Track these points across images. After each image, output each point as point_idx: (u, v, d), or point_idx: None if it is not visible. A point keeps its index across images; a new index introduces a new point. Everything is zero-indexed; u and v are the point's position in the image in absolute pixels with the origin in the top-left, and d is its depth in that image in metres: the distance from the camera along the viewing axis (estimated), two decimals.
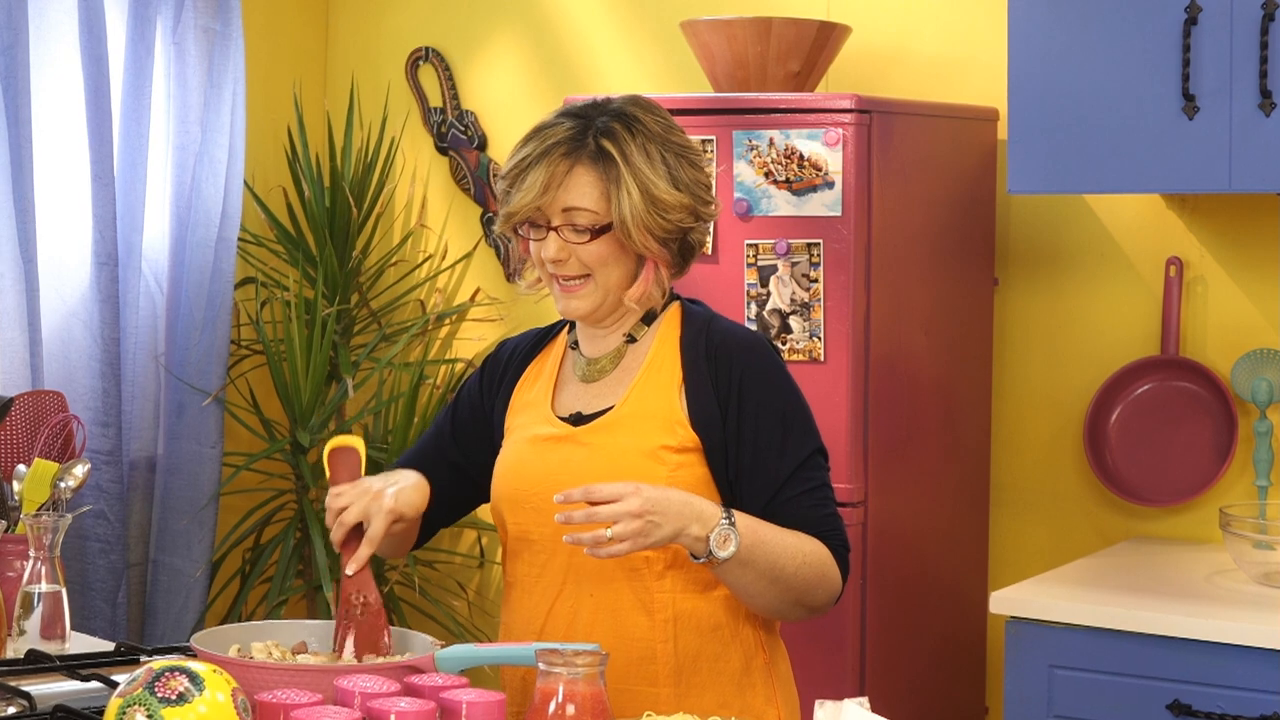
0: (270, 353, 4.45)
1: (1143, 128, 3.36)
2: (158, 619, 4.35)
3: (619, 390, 2.60)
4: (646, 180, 2.50)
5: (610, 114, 2.55)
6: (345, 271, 4.57)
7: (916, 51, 4.05)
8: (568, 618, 2.55)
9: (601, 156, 2.51)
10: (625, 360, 2.62)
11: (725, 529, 2.42)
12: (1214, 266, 3.76)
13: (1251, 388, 3.66)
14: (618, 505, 2.36)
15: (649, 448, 2.52)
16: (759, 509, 2.52)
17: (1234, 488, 3.72)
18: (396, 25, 4.79)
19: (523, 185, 2.52)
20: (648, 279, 2.56)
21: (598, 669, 2.11)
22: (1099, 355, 3.87)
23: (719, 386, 2.55)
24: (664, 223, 2.52)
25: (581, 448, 2.56)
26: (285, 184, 4.70)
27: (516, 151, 2.56)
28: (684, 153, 2.57)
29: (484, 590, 4.69)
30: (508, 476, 2.63)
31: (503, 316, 4.64)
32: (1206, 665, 3.10)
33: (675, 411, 2.54)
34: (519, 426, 2.65)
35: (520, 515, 2.60)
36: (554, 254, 2.53)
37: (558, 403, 2.64)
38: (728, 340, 2.59)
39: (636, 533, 2.37)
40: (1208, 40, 3.28)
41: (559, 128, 2.54)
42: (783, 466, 2.53)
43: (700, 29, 3.77)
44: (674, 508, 2.39)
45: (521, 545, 2.61)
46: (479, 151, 4.66)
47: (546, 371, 2.68)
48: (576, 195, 2.51)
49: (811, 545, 2.52)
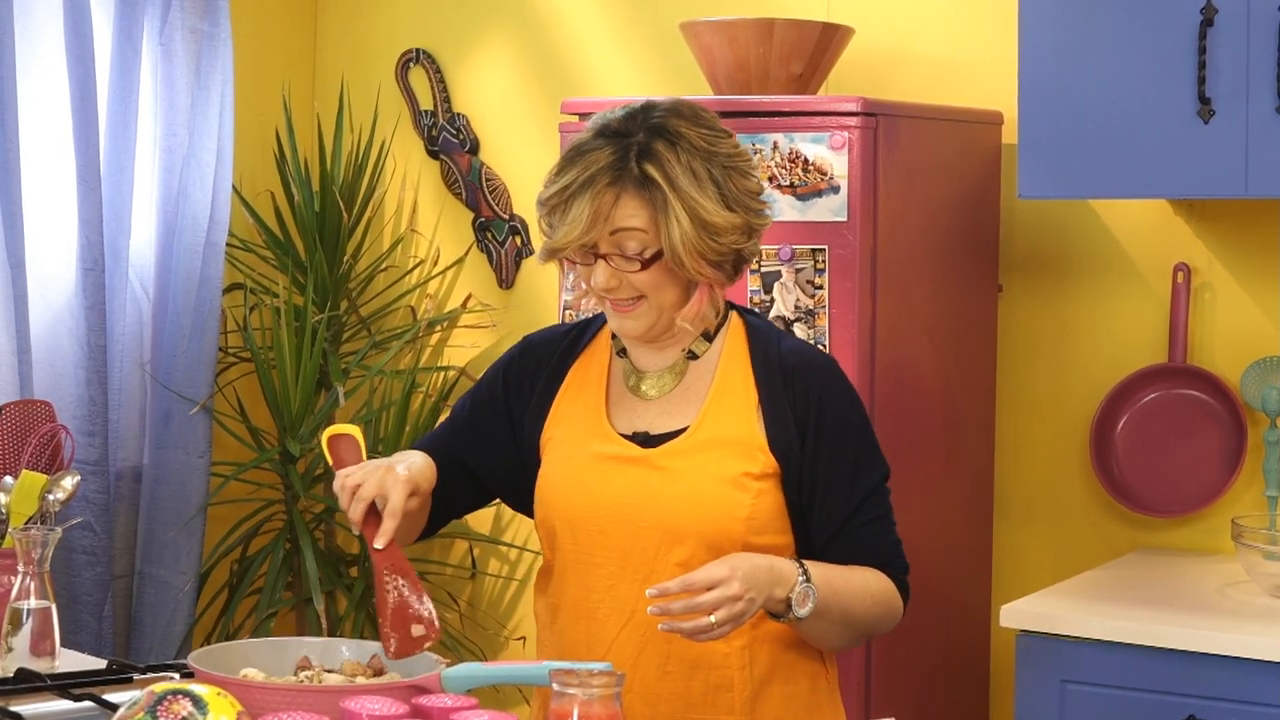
0: (259, 360, 4.38)
1: (1157, 131, 3.31)
2: (144, 632, 4.29)
3: (687, 410, 2.50)
4: (695, 205, 2.39)
5: (651, 130, 2.43)
6: (335, 277, 4.50)
7: (919, 53, 4.00)
8: (636, 645, 2.46)
9: (646, 183, 2.39)
10: (689, 377, 2.53)
11: (804, 588, 2.38)
12: (1222, 273, 3.72)
13: (1261, 396, 3.62)
14: (719, 592, 2.29)
15: (731, 474, 2.44)
16: (827, 536, 2.48)
17: (1243, 498, 3.68)
18: (386, 26, 4.73)
19: (566, 219, 2.41)
20: (701, 300, 2.47)
21: (614, 690, 2.05)
22: (1105, 363, 3.82)
23: (797, 410, 2.47)
24: (716, 246, 2.41)
25: (656, 472, 2.47)
26: (274, 188, 4.64)
27: (555, 178, 2.44)
28: (732, 163, 2.45)
29: (476, 602, 4.63)
30: (565, 496, 2.52)
31: (495, 323, 4.58)
32: (1222, 680, 3.07)
33: (755, 436, 2.47)
34: (566, 440, 2.54)
35: (582, 538, 2.50)
36: (605, 283, 2.43)
37: (614, 418, 2.53)
38: (803, 361, 2.51)
39: (739, 614, 2.31)
40: (1224, 42, 3.24)
41: (600, 152, 2.42)
42: (854, 495, 2.48)
43: (701, 30, 3.71)
44: (762, 578, 2.34)
45: (579, 569, 2.51)
46: (471, 155, 4.60)
47: (593, 380, 2.57)
48: (624, 224, 2.40)
49: (878, 582, 2.50)
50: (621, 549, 2.45)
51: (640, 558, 2.45)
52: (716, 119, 2.50)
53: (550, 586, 2.57)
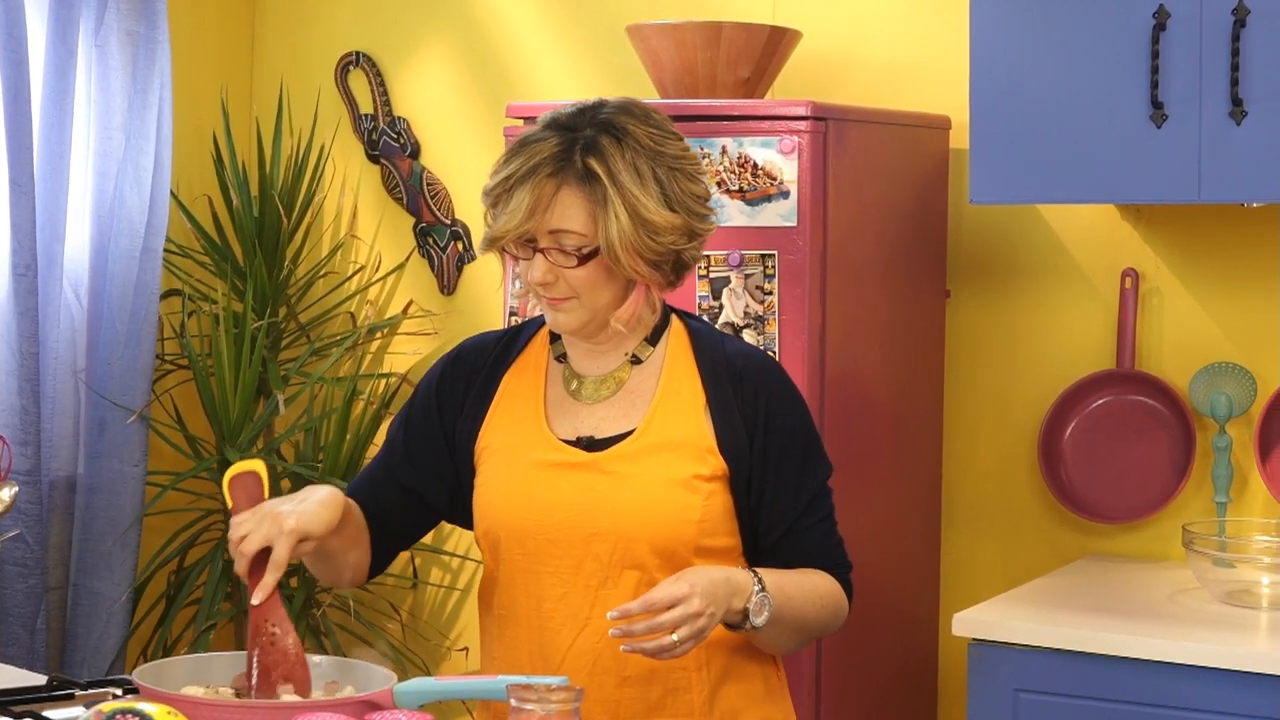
0: (197, 368, 4.32)
1: (1110, 136, 3.29)
2: (78, 645, 4.21)
3: (632, 414, 2.48)
4: (635, 201, 2.38)
5: (599, 125, 2.42)
6: (274, 283, 4.44)
7: (866, 57, 3.97)
8: (592, 654, 2.43)
9: (589, 177, 2.38)
10: (631, 381, 2.51)
11: (760, 597, 2.38)
12: (1170, 278, 3.71)
13: (1210, 402, 3.61)
14: (680, 610, 2.29)
15: (681, 477, 2.43)
16: (775, 538, 2.49)
17: (1191, 504, 3.67)
18: (326, 29, 4.68)
19: (507, 207, 2.40)
20: (638, 301, 2.47)
21: (572, 705, 2.01)
22: (1053, 369, 3.80)
23: (746, 412, 2.47)
24: (655, 245, 2.40)
25: (605, 476, 2.45)
26: (212, 193, 4.57)
27: (500, 168, 2.43)
28: (679, 164, 2.44)
29: (418, 611, 4.58)
30: (509, 505, 2.49)
31: (437, 330, 4.54)
32: (1176, 687, 3.06)
33: (704, 438, 2.46)
34: (506, 448, 2.51)
35: (529, 547, 2.47)
36: (540, 277, 2.42)
37: (555, 424, 2.51)
38: (750, 364, 2.51)
39: (700, 630, 2.31)
40: (1177, 47, 3.22)
41: (545, 143, 2.41)
42: (801, 496, 2.49)
43: (647, 34, 3.68)
44: (720, 591, 2.34)
45: (528, 579, 2.48)
46: (412, 159, 4.55)
47: (529, 386, 2.54)
48: (563, 218, 2.39)
49: (826, 584, 2.52)
50: (573, 556, 2.43)
51: (594, 565, 2.43)
52: (668, 120, 2.49)
53: (496, 598, 2.53)
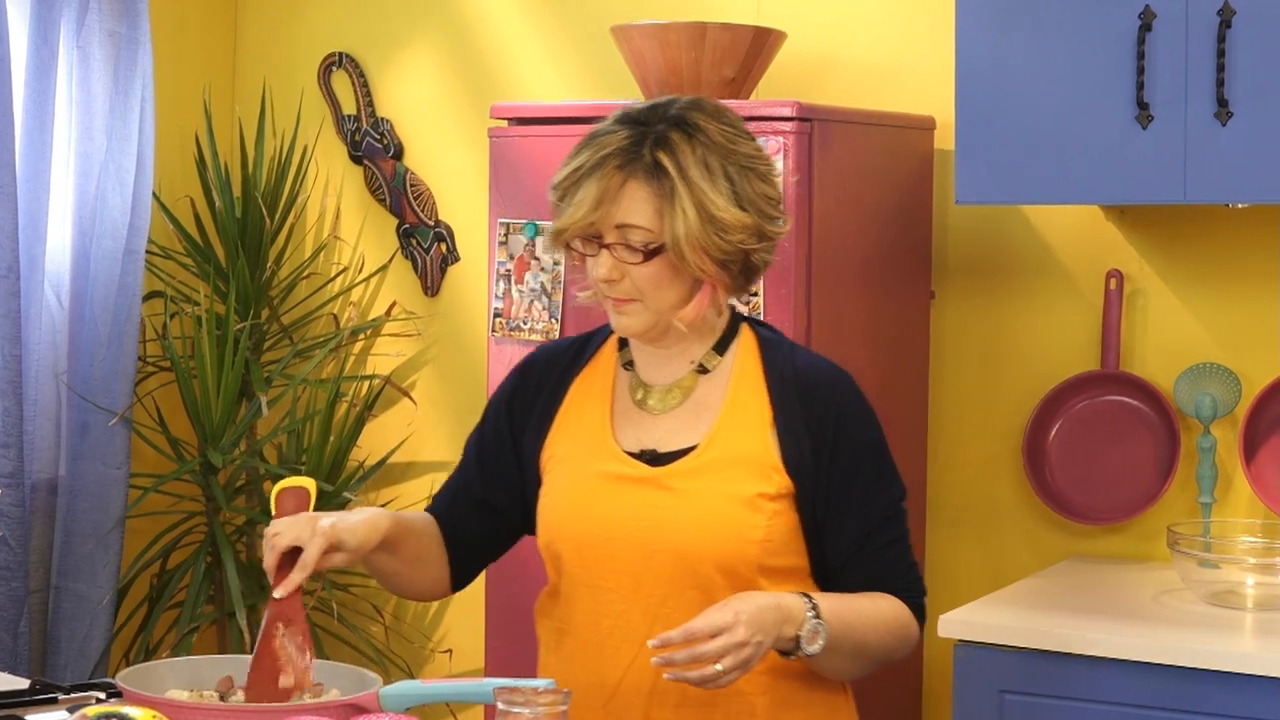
0: (179, 369, 4.31)
1: (1095, 137, 3.29)
2: (61, 648, 4.20)
3: (698, 427, 2.41)
4: (704, 197, 2.31)
5: (670, 121, 2.36)
6: (257, 285, 4.43)
7: (850, 58, 3.97)
8: (651, 674, 2.33)
9: (657, 171, 2.32)
10: (698, 392, 2.44)
11: (814, 624, 2.29)
12: (1154, 279, 3.71)
13: (1195, 403, 3.61)
14: (723, 639, 2.20)
15: (745, 495, 2.36)
16: (842, 559, 2.41)
17: (1176, 505, 3.67)
18: (309, 30, 4.66)
19: (574, 199, 2.35)
20: (702, 303, 2.39)
21: (560, 708, 2.00)
22: (1038, 370, 3.80)
23: (812, 428, 2.39)
24: (722, 244, 2.33)
25: (666, 493, 2.38)
26: (194, 194, 4.56)
27: (569, 160, 2.39)
28: (751, 164, 2.38)
29: (401, 614, 4.57)
30: (571, 517, 2.43)
31: (420, 331, 4.53)
32: (1160, 688, 3.06)
33: (769, 455, 2.38)
34: (571, 458, 2.46)
35: (589, 561, 2.41)
36: (606, 274, 2.36)
37: (620, 434, 2.45)
38: (819, 376, 2.44)
39: (746, 660, 2.22)
40: (1162, 47, 3.22)
41: (614, 136, 2.37)
42: (870, 516, 2.41)
43: (632, 34, 3.67)
44: (768, 618, 2.24)
45: (586, 593, 2.42)
46: (395, 160, 4.54)
47: (596, 395, 2.49)
48: (629, 212, 2.33)
49: (893, 609, 2.42)
50: (633, 573, 2.37)
51: (653, 583, 2.37)
52: (740, 120, 2.43)
53: (556, 610, 2.48)
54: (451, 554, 2.57)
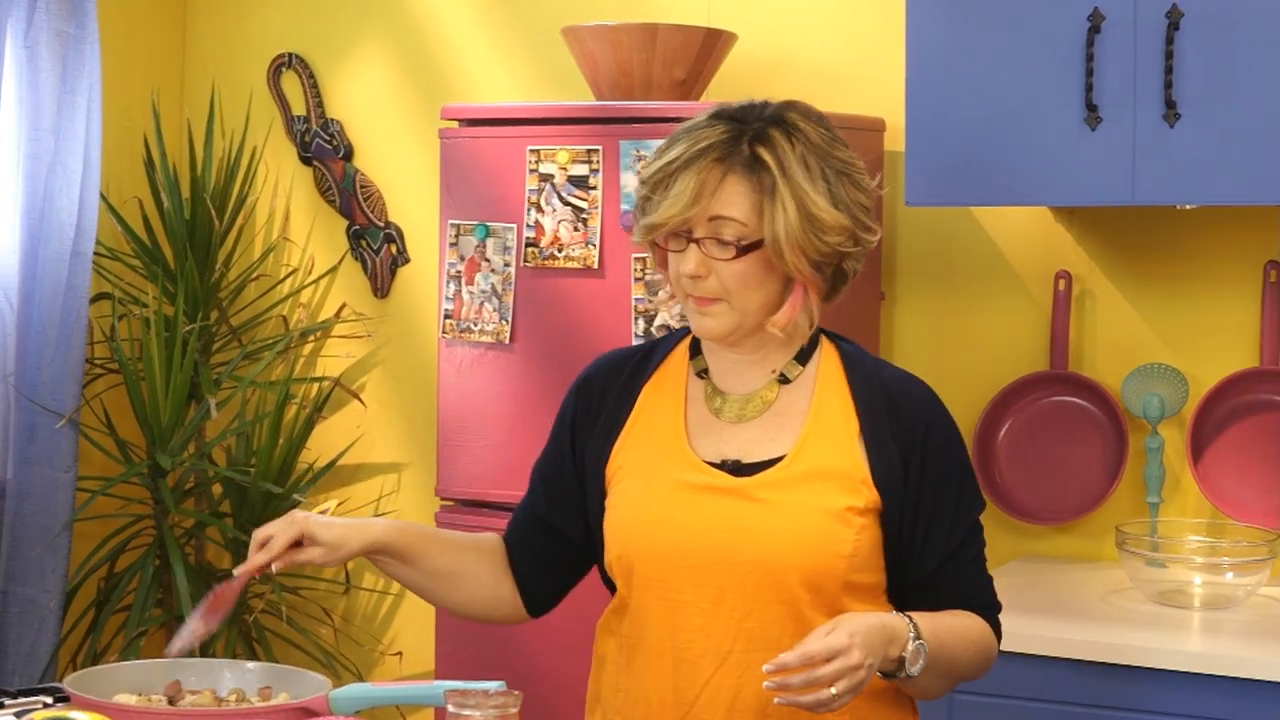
0: (128, 372, 4.28)
1: (1045, 139, 3.30)
2: (9, 652, 4.17)
3: (782, 438, 2.33)
4: (805, 196, 2.25)
5: (768, 119, 2.31)
6: (206, 286, 4.41)
7: (800, 60, 3.98)
8: (732, 689, 2.28)
9: (757, 165, 2.26)
10: (780, 402, 2.36)
11: (916, 645, 2.22)
12: (1103, 280, 3.73)
13: (1143, 403, 3.62)
14: (839, 662, 2.11)
15: (835, 509, 2.28)
16: (924, 575, 2.35)
17: (1124, 505, 3.69)
18: (258, 30, 4.64)
19: (670, 192, 2.26)
20: (795, 305, 2.31)
21: (511, 710, 2.00)
22: (987, 371, 3.81)
23: (901, 443, 2.32)
24: (820, 245, 2.26)
25: (753, 504, 2.30)
26: (143, 195, 4.54)
27: (661, 154, 2.30)
28: (846, 169, 2.31)
29: (350, 616, 4.55)
30: (646, 527, 2.34)
31: (370, 333, 4.51)
32: (1109, 688, 3.08)
33: (858, 468, 2.30)
34: (644, 468, 2.37)
35: (667, 573, 2.32)
36: (693, 269, 2.27)
37: (697, 444, 2.36)
38: (907, 391, 2.38)
39: (859, 684, 2.14)
40: (1111, 49, 3.24)
41: (712, 130, 2.29)
42: (955, 534, 2.35)
43: (583, 36, 3.67)
44: (876, 639, 2.17)
45: (663, 606, 2.33)
46: (345, 162, 4.53)
47: (669, 402, 2.40)
48: (727, 205, 2.26)
49: (978, 627, 2.38)
50: (716, 586, 2.29)
51: (737, 596, 2.29)
52: (834, 126, 2.38)
53: (624, 625, 2.39)
54: (520, 577, 2.50)
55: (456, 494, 3.73)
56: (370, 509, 4.50)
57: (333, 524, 2.36)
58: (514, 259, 3.61)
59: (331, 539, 2.34)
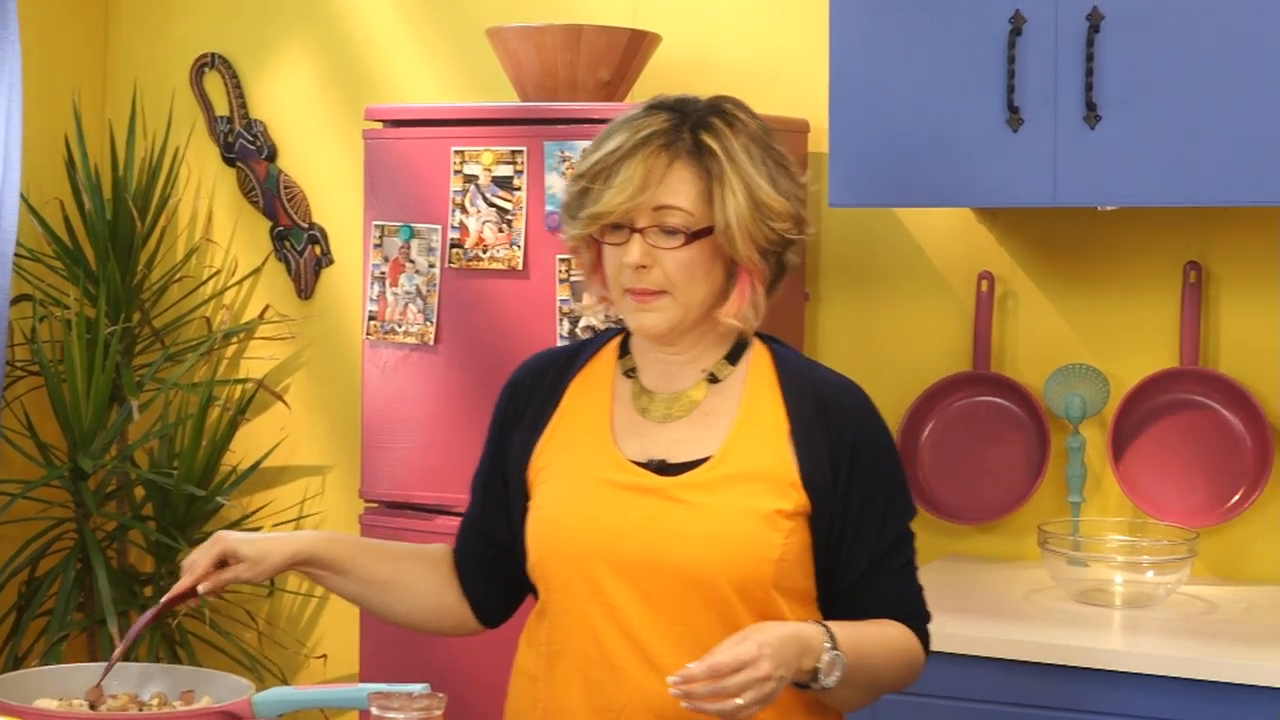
0: (48, 374, 4.25)
1: (967, 140, 3.32)
2: None
3: (709, 438, 2.29)
4: (752, 181, 2.24)
5: (707, 108, 2.29)
6: (128, 288, 4.38)
7: (725, 61, 3.98)
8: (658, 698, 2.20)
9: (702, 152, 2.24)
10: (708, 402, 2.32)
11: (831, 656, 2.17)
12: (1025, 281, 3.75)
13: (1064, 403, 3.65)
14: (747, 674, 2.07)
15: (763, 511, 2.24)
16: (851, 581, 2.30)
17: (1046, 504, 3.71)
18: (181, 30, 4.61)
19: (613, 181, 2.22)
20: (744, 294, 2.28)
21: (435, 712, 2.00)
22: (911, 371, 3.83)
23: (831, 446, 2.27)
24: (768, 231, 2.25)
25: (678, 505, 2.25)
26: (64, 196, 4.50)
27: (600, 144, 2.27)
28: (783, 161, 2.30)
29: (274, 619, 4.53)
30: (570, 527, 2.29)
31: (294, 334, 4.49)
32: (1031, 687, 3.09)
33: (787, 470, 2.26)
34: (567, 468, 2.32)
35: (591, 575, 2.27)
36: (638, 258, 2.23)
37: (622, 443, 2.31)
38: (840, 394, 2.34)
39: (769, 694, 2.10)
40: (1033, 51, 3.26)
41: (653, 118, 2.26)
42: (883, 539, 2.30)
43: (507, 36, 3.66)
44: (789, 651, 2.12)
45: (587, 609, 2.27)
46: (269, 162, 4.50)
47: (595, 401, 2.36)
48: (674, 193, 2.23)
49: (903, 638, 2.33)
50: (641, 590, 2.24)
51: (664, 600, 2.24)
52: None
53: (545, 631, 2.33)
54: (467, 588, 2.47)
55: (381, 496, 3.72)
56: (294, 511, 4.48)
57: (254, 539, 2.34)
58: (438, 260, 3.60)
59: (254, 553, 2.33)
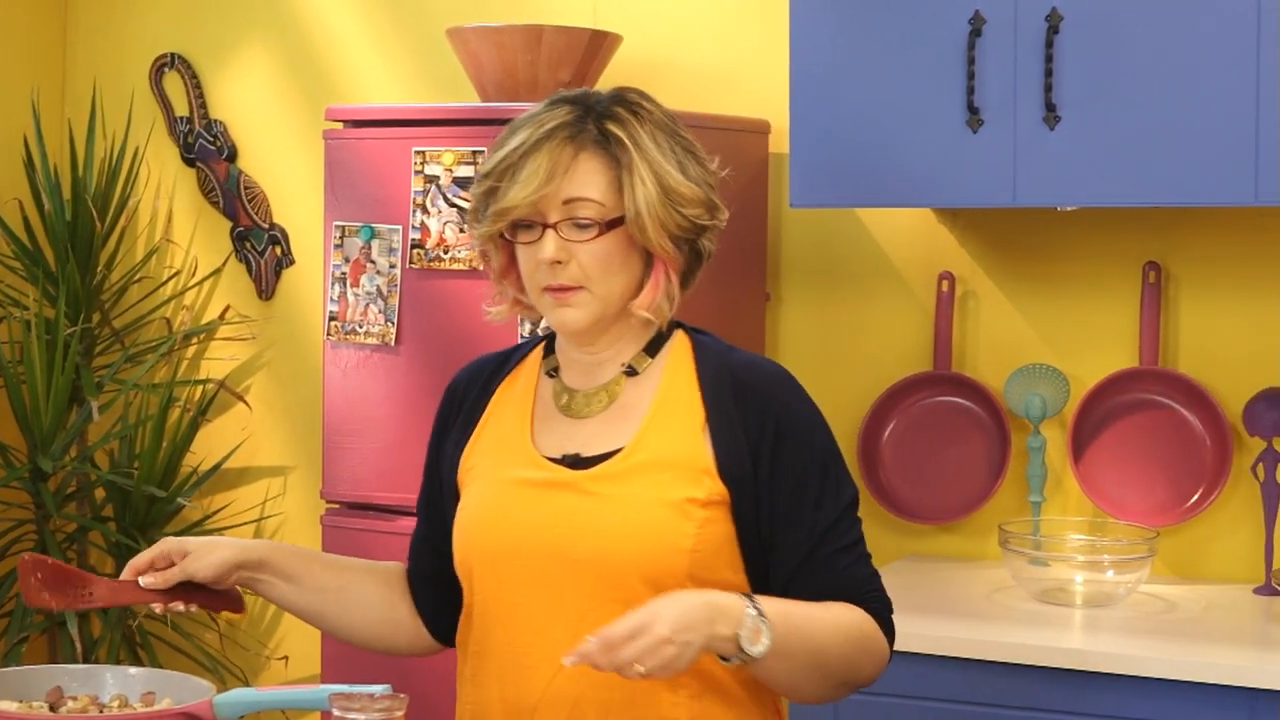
0: (8, 375, 4.23)
1: (927, 141, 3.33)
2: None
3: (624, 430, 2.24)
4: (661, 168, 2.20)
5: (609, 100, 2.25)
6: (88, 289, 4.36)
7: (686, 62, 3.99)
8: (570, 697, 2.17)
9: (608, 142, 2.21)
10: (626, 395, 2.27)
11: (754, 621, 2.06)
12: (985, 281, 3.76)
13: (1025, 403, 3.66)
14: (639, 643, 1.99)
15: (673, 500, 2.18)
16: (790, 571, 2.21)
17: (1007, 504, 3.72)
18: (140, 30, 4.60)
19: (518, 176, 2.18)
20: (658, 285, 2.24)
21: (396, 713, 1.99)
22: (872, 371, 3.84)
23: (750, 430, 2.21)
24: (679, 218, 2.21)
25: (588, 497, 2.20)
26: (23, 196, 4.48)
27: (504, 142, 2.23)
28: (691, 148, 2.26)
29: (235, 621, 4.51)
30: (484, 527, 2.26)
31: (255, 335, 4.48)
32: (993, 686, 3.09)
33: (700, 458, 2.20)
34: (489, 468, 2.29)
35: (505, 575, 2.23)
36: (553, 254, 2.18)
37: (540, 441, 2.28)
38: (756, 376, 2.26)
39: (672, 659, 2.00)
40: (992, 52, 3.27)
41: (556, 112, 2.22)
42: (819, 521, 2.21)
43: (468, 37, 3.66)
44: (697, 615, 2.03)
45: (503, 610, 2.24)
46: (229, 163, 4.49)
47: (517, 402, 2.32)
48: (583, 185, 2.19)
49: (851, 616, 2.21)
50: (553, 586, 2.19)
51: (575, 595, 2.19)
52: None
53: (471, 634, 2.30)
54: (421, 603, 2.43)
55: (342, 497, 3.71)
56: (256, 512, 4.46)
57: (186, 540, 2.32)
58: (399, 261, 3.60)
59: (201, 544, 2.31)
